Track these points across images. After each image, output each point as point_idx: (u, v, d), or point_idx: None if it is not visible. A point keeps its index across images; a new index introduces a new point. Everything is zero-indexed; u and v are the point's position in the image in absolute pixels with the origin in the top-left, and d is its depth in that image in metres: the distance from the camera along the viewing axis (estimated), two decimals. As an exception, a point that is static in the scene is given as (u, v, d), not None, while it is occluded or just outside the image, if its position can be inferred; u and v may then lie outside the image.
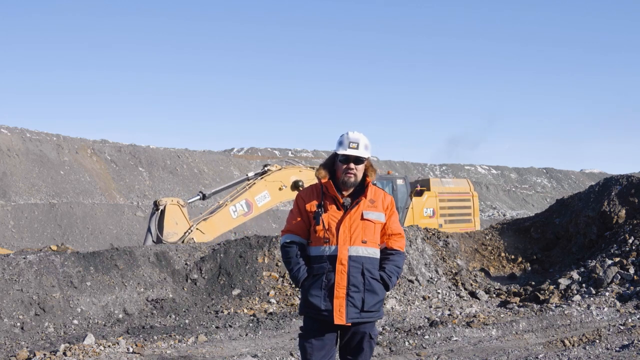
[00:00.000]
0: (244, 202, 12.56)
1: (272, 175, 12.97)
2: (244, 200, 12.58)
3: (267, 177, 12.90)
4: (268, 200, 12.88)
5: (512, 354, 6.42)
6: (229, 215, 12.37)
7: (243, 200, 12.56)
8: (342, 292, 3.64)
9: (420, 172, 51.86)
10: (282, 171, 13.19)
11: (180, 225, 11.74)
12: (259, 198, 12.70)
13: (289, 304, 9.09)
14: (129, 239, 24.01)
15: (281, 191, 13.00)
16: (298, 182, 13.12)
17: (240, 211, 12.46)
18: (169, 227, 11.61)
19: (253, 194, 12.66)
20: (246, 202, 12.58)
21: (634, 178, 13.67)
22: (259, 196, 12.71)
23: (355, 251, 3.69)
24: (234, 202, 12.44)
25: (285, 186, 13.03)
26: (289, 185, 13.08)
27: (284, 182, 13.05)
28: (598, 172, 61.99)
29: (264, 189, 12.85)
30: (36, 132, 30.74)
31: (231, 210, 12.38)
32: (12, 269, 8.20)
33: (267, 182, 12.89)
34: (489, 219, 37.19)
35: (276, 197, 13.00)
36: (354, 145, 3.77)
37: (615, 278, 9.96)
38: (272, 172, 13.02)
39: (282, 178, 13.08)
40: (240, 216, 12.50)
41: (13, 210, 23.16)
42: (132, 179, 30.50)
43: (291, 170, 13.35)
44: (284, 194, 13.07)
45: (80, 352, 6.28)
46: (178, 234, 11.63)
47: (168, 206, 11.69)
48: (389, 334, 7.30)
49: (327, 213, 3.75)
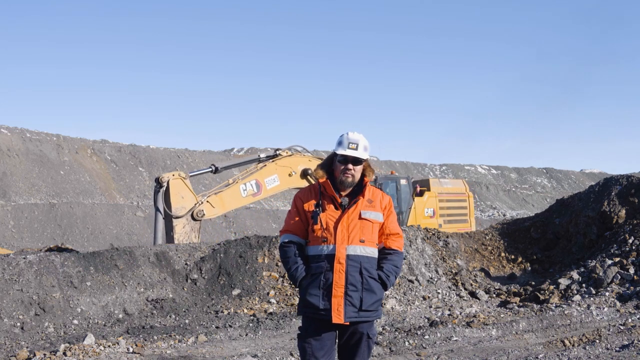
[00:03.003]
0: (254, 182, 12.65)
1: (283, 160, 13.06)
2: (254, 181, 12.67)
3: (278, 161, 12.99)
4: (277, 185, 12.98)
5: (512, 354, 6.42)
6: (239, 193, 12.45)
7: (253, 181, 12.65)
8: (341, 291, 3.65)
9: (420, 172, 51.83)
10: (292, 157, 13.27)
11: (187, 199, 11.73)
12: (268, 180, 12.79)
13: (289, 304, 9.09)
14: (129, 239, 24.01)
15: (290, 177, 13.08)
16: (307, 170, 13.19)
17: (249, 191, 12.55)
18: (176, 202, 11.58)
19: (263, 176, 12.75)
20: (256, 182, 12.67)
21: (634, 178, 13.67)
22: (269, 179, 12.80)
23: (353, 250, 3.70)
24: (244, 181, 12.53)
25: (294, 172, 13.11)
26: (298, 173, 13.18)
27: (294, 168, 13.14)
28: (598, 172, 61.95)
29: (274, 173, 12.94)
30: (36, 132, 30.73)
31: (241, 188, 12.47)
32: (12, 269, 8.20)
33: (278, 166, 12.98)
34: (489, 219, 37.19)
35: (285, 182, 13.10)
36: (353, 146, 3.78)
37: (615, 278, 9.97)
38: (282, 157, 13.10)
39: (292, 164, 13.16)
40: (249, 196, 12.60)
41: (13, 210, 23.16)
42: (132, 179, 30.50)
43: (301, 158, 13.42)
44: (292, 181, 13.15)
45: (80, 352, 6.28)
46: (186, 208, 11.61)
47: (171, 181, 11.64)
48: (389, 334, 7.30)
49: (325, 212, 3.77)
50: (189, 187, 11.81)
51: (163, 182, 11.58)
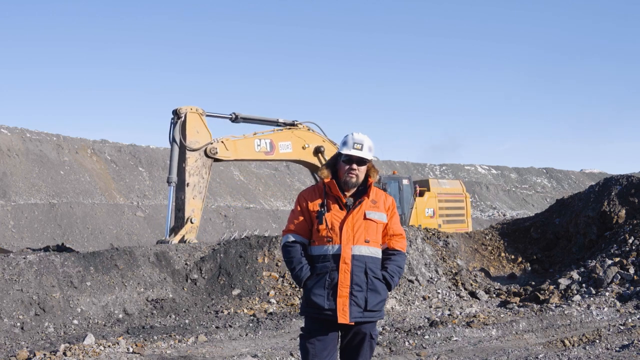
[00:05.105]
0: (268, 142, 12.88)
1: (299, 132, 13.35)
2: (269, 140, 12.90)
3: (295, 131, 13.29)
4: (289, 152, 13.22)
5: (512, 354, 6.41)
6: (253, 146, 12.69)
7: (268, 140, 12.89)
8: (346, 291, 3.65)
9: (420, 172, 51.83)
10: (309, 132, 13.54)
11: (202, 134, 11.94)
12: (282, 145, 13.03)
13: (289, 304, 9.09)
14: (129, 239, 24.00)
15: (304, 150, 13.35)
16: (320, 147, 13.45)
17: (263, 148, 12.78)
18: (191, 135, 11.79)
19: (278, 139, 13.00)
20: (271, 142, 12.90)
21: (634, 178, 13.68)
22: (283, 144, 13.04)
23: (359, 250, 3.71)
24: (260, 137, 12.79)
25: (308, 145, 13.36)
26: (312, 148, 13.41)
27: (309, 142, 13.39)
28: (598, 172, 61.94)
29: (289, 139, 13.20)
30: (36, 132, 30.71)
31: (255, 142, 12.72)
32: (12, 269, 8.20)
33: (294, 134, 13.26)
34: (489, 219, 37.19)
35: (297, 152, 13.33)
36: (358, 146, 3.79)
37: (615, 278, 9.97)
38: (299, 128, 13.37)
39: (307, 138, 13.43)
40: (262, 152, 12.82)
41: (13, 210, 23.16)
42: (132, 179, 30.49)
43: (317, 136, 13.67)
44: (304, 154, 13.39)
45: (80, 352, 6.27)
46: (200, 142, 11.82)
47: (189, 114, 11.84)
48: (389, 334, 7.30)
49: (330, 212, 3.77)
50: (205, 123, 12.04)
51: (181, 113, 11.80)
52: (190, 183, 11.62)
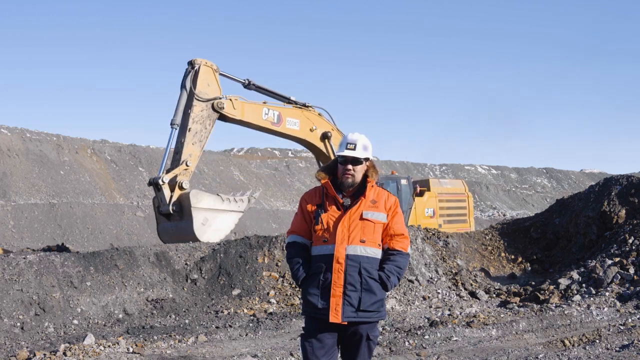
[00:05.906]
0: (277, 113, 13.02)
1: (310, 114, 13.49)
2: (278, 112, 13.03)
3: (305, 112, 13.44)
4: (295, 129, 13.29)
5: (512, 354, 6.41)
6: (261, 113, 12.80)
7: (277, 112, 13.02)
8: (339, 291, 3.66)
9: (420, 172, 51.85)
10: (319, 117, 13.66)
11: (212, 88, 12.06)
12: (290, 121, 13.17)
13: (289, 304, 9.09)
14: (129, 239, 23.99)
15: (311, 132, 13.46)
16: (328, 133, 13.54)
17: (270, 117, 12.90)
18: (202, 86, 11.92)
19: (287, 114, 13.14)
20: (279, 115, 13.03)
21: (634, 178, 13.68)
22: (291, 120, 13.19)
23: (353, 250, 3.71)
24: (269, 107, 12.90)
25: (316, 128, 13.47)
26: (319, 132, 13.49)
27: (317, 125, 13.52)
28: (598, 172, 61.99)
29: (298, 117, 13.33)
30: (36, 132, 30.72)
31: (264, 110, 12.84)
32: (12, 269, 8.20)
33: (304, 114, 13.39)
34: (489, 219, 37.17)
35: (304, 132, 13.41)
36: (351, 146, 3.81)
37: (615, 278, 9.97)
38: (310, 111, 13.52)
39: (316, 121, 13.55)
40: (268, 122, 12.91)
41: (13, 210, 23.15)
42: (132, 179, 30.48)
43: (326, 122, 13.75)
44: (311, 136, 13.47)
45: (80, 352, 6.27)
46: (209, 95, 11.94)
47: (203, 66, 11.97)
48: (389, 334, 7.30)
49: (327, 213, 3.80)
50: (217, 79, 12.18)
51: (195, 64, 11.93)
52: (192, 129, 11.76)
